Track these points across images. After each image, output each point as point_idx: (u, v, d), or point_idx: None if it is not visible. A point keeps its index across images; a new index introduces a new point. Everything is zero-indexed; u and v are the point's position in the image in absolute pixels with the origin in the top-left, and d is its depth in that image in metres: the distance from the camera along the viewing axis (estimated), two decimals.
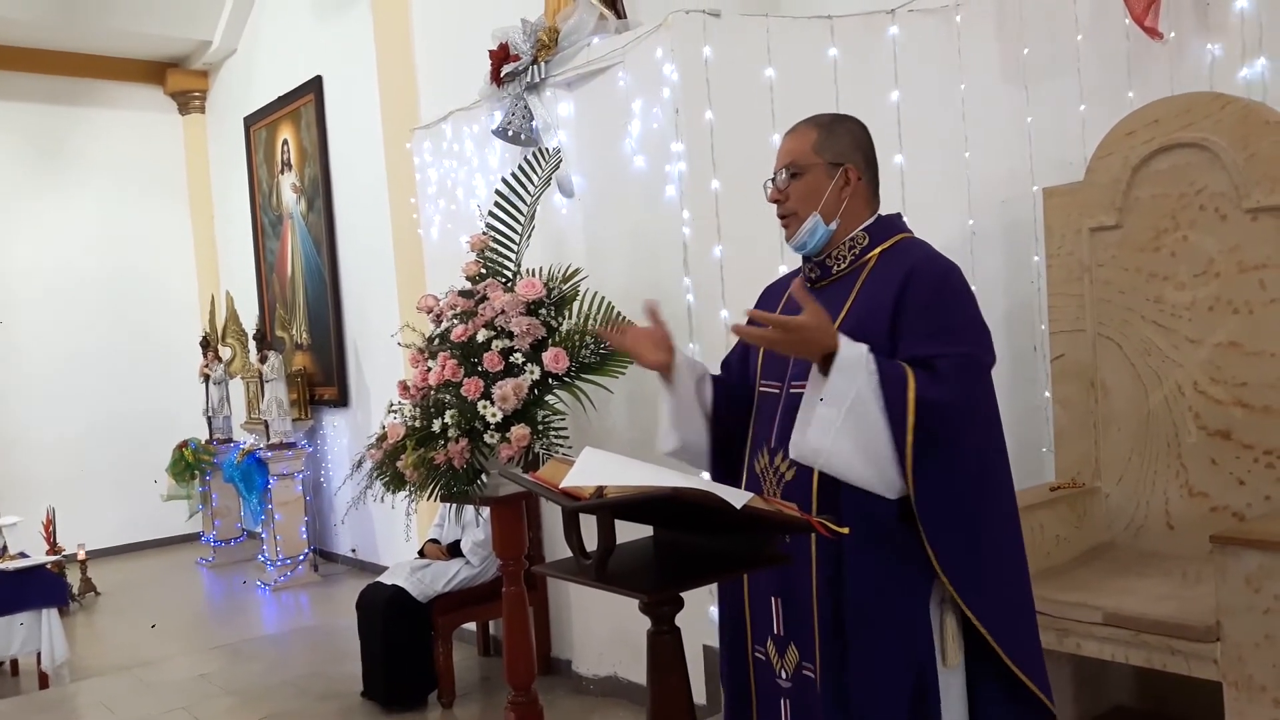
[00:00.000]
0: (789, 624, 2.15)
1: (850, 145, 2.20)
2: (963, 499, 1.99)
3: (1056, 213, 3.48)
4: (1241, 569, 2.47)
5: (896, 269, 2.10)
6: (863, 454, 1.95)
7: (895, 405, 1.93)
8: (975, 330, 2.07)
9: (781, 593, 2.16)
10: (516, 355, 3.46)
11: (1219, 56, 3.25)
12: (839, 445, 1.94)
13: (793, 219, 2.20)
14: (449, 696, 4.49)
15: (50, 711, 4.88)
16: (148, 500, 8.59)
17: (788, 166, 2.20)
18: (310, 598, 6.89)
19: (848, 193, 2.18)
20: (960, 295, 2.09)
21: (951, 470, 1.98)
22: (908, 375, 1.95)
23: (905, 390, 1.93)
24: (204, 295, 9.10)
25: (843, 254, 2.20)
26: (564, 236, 4.36)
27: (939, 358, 1.98)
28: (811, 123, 2.24)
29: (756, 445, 2.24)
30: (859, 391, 1.93)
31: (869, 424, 1.94)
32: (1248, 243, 3.02)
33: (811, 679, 2.11)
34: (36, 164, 8.66)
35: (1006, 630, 2.04)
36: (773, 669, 2.20)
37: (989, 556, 2.04)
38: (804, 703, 2.13)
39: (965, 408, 1.99)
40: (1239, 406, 3.05)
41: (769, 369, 2.25)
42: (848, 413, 1.93)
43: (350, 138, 7.20)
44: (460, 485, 3.46)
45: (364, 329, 7.30)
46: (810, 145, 2.19)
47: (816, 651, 2.08)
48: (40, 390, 8.51)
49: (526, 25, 4.29)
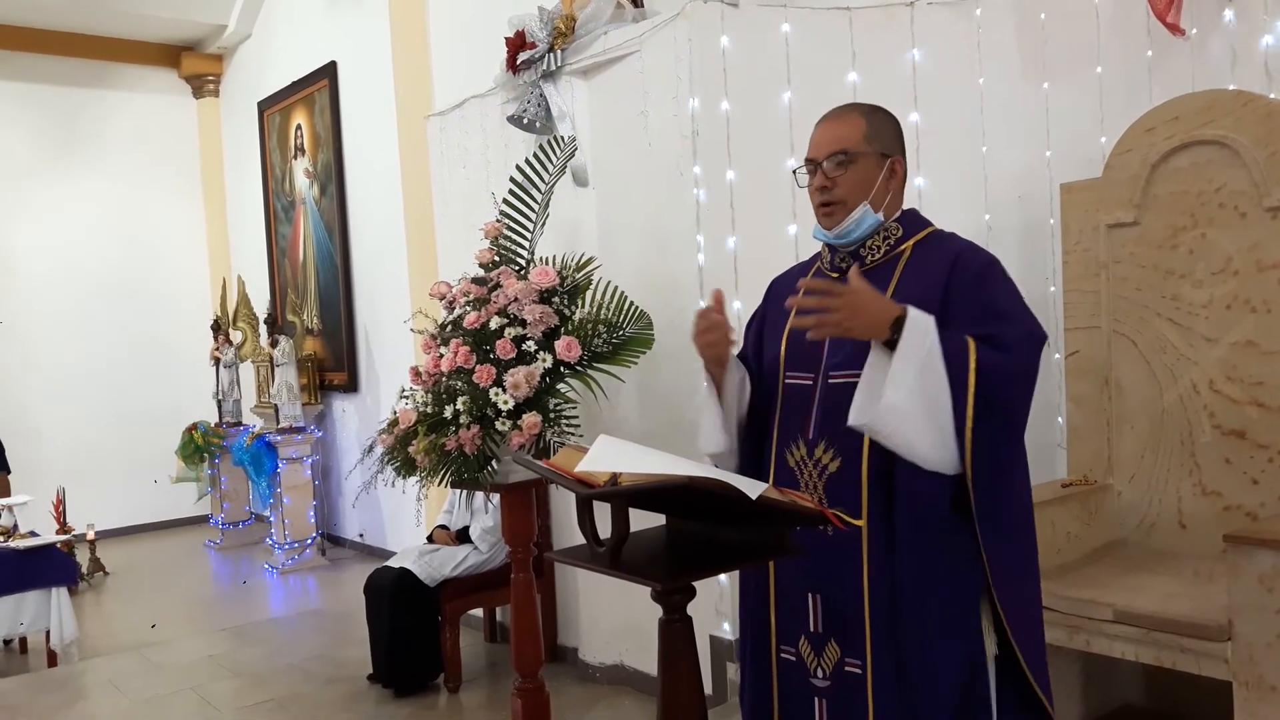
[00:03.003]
0: (829, 620, 2.11)
1: (893, 136, 2.19)
2: (1013, 473, 2.02)
3: (1074, 209, 3.46)
4: (1254, 568, 2.45)
5: (938, 258, 2.09)
6: (930, 419, 1.93)
7: (958, 371, 1.92)
8: (1028, 312, 2.07)
9: (820, 588, 2.12)
10: (529, 343, 3.45)
11: (1241, 54, 3.22)
12: (913, 407, 1.91)
13: (839, 207, 2.14)
14: (455, 682, 4.51)
15: (58, 690, 4.90)
16: (157, 482, 8.62)
17: (837, 153, 2.14)
18: (318, 581, 6.91)
19: (893, 185, 2.17)
20: (1009, 282, 2.10)
21: (1009, 443, 2.00)
22: (969, 342, 1.96)
23: (967, 356, 1.93)
24: (216, 279, 9.13)
25: (877, 244, 2.17)
26: (578, 225, 4.36)
27: (998, 335, 1.98)
28: (857, 110, 2.21)
29: (788, 438, 2.18)
30: (929, 349, 1.92)
31: (937, 388, 1.93)
32: (1267, 241, 3.00)
33: (857, 675, 2.07)
34: (51, 146, 8.68)
35: (1024, 625, 2.04)
36: (805, 669, 2.15)
37: (1020, 544, 2.05)
38: (844, 700, 2.09)
39: (1024, 378, 2.00)
40: (1254, 406, 3.04)
41: (798, 360, 2.20)
42: (921, 371, 1.92)
43: (364, 124, 7.20)
44: (471, 472, 3.47)
45: (374, 315, 7.31)
46: (861, 134, 2.15)
47: (868, 646, 2.05)
48: (51, 371, 8.55)
49: (543, 13, 4.28)
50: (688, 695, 1.97)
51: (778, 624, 2.20)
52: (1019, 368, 1.98)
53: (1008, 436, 1.99)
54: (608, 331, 3.62)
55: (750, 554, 2.02)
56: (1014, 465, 2.04)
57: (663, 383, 3.98)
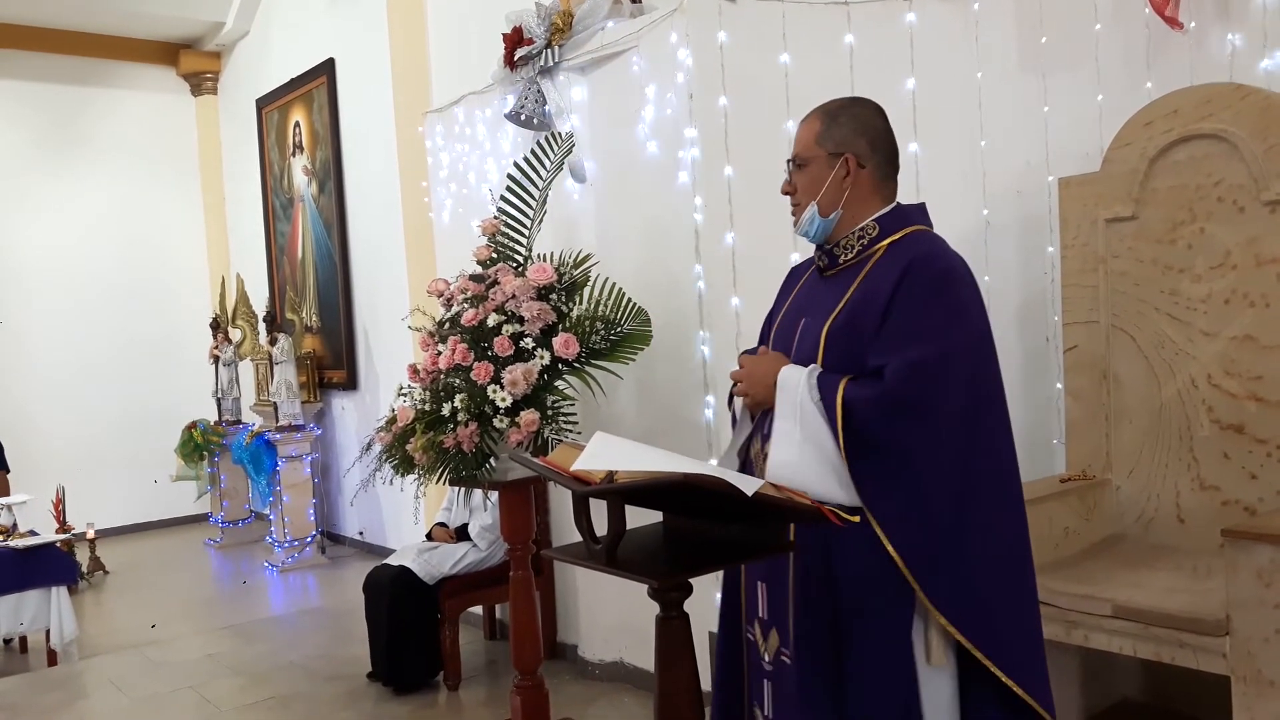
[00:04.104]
0: (772, 609, 2.19)
1: (853, 132, 2.17)
2: (923, 499, 1.97)
3: (1072, 203, 3.45)
4: (1253, 563, 2.45)
5: (897, 264, 2.08)
6: (827, 465, 1.99)
7: (831, 412, 1.98)
8: (953, 331, 2.01)
9: (766, 578, 2.20)
10: (527, 340, 3.45)
11: (1240, 47, 3.21)
12: (803, 459, 1.99)
13: (797, 209, 2.23)
14: (455, 679, 4.51)
15: (58, 689, 4.90)
16: (157, 481, 8.62)
17: (794, 158, 2.23)
18: (317, 579, 6.91)
19: (849, 182, 2.16)
20: (949, 295, 2.04)
21: (901, 472, 1.96)
22: (840, 380, 1.99)
23: (835, 394, 1.97)
24: (214, 277, 9.13)
25: (851, 243, 2.19)
26: (576, 222, 4.35)
27: (887, 365, 1.98)
28: (819, 112, 2.24)
29: (755, 433, 2.25)
30: (802, 403, 2.00)
31: (822, 436, 1.98)
32: (1266, 235, 3.00)
33: (788, 665, 2.12)
34: (49, 144, 8.68)
35: (988, 633, 2.01)
36: (759, 650, 2.24)
37: (962, 557, 1.99)
38: (782, 686, 2.16)
39: (900, 408, 1.96)
40: (1253, 400, 3.03)
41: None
42: (801, 424, 1.99)
43: (362, 121, 7.19)
44: (469, 469, 3.46)
45: (373, 313, 7.30)
46: (813, 136, 2.20)
47: (792, 639, 2.10)
48: (49, 370, 8.55)
49: (541, 9, 4.27)
50: (685, 692, 1.97)
51: (746, 604, 2.29)
52: (891, 399, 1.95)
53: (903, 465, 1.97)
54: (606, 328, 3.62)
55: (746, 551, 2.02)
56: (936, 483, 1.98)
57: (661, 379, 3.98)
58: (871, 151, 2.18)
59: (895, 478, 1.97)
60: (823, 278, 2.24)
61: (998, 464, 2.07)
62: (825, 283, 2.22)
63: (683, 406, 3.88)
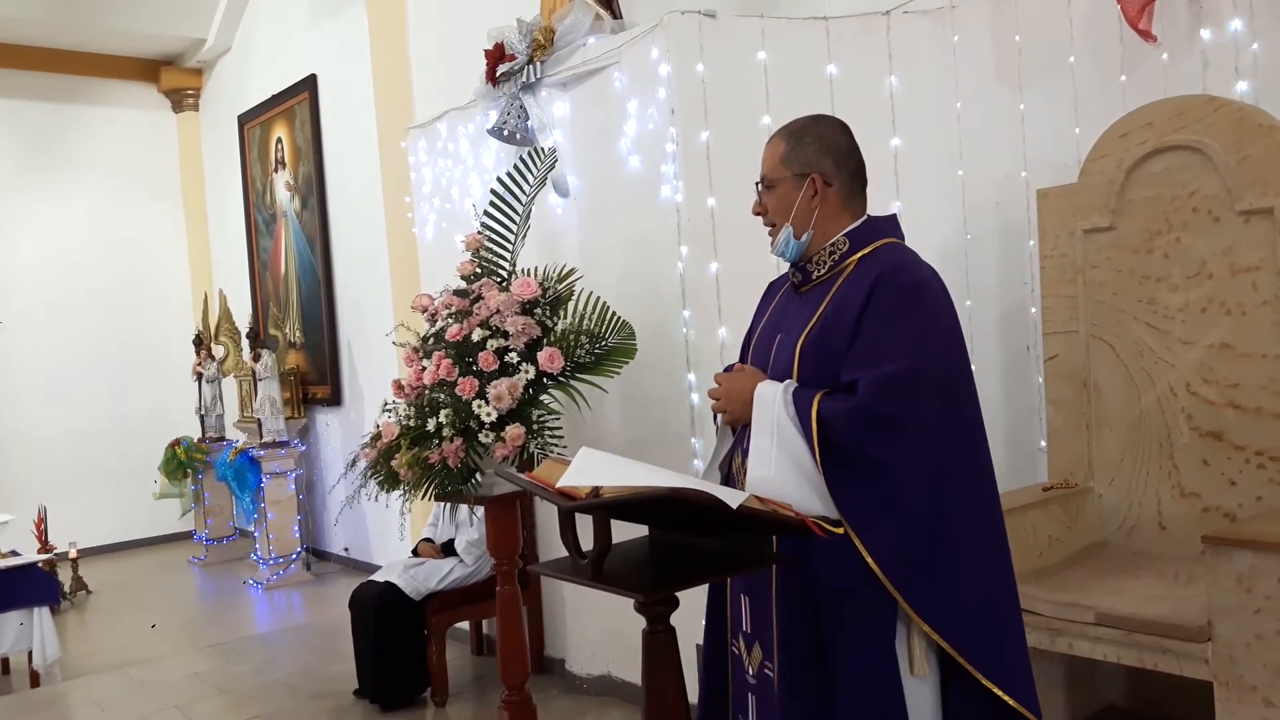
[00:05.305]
0: (755, 622, 2.20)
1: (817, 153, 2.20)
2: (901, 510, 1.99)
3: (1050, 214, 3.49)
4: (1233, 569, 2.48)
5: (867, 278, 2.10)
6: (804, 479, 2.01)
7: (806, 426, 2.00)
8: (924, 344, 2.04)
9: (749, 592, 2.22)
10: (511, 355, 3.46)
11: (1212, 59, 3.26)
12: (779, 474, 2.01)
13: (772, 230, 2.27)
14: (442, 695, 4.49)
15: (42, 710, 4.86)
16: (140, 499, 8.57)
17: (762, 180, 2.27)
18: (303, 597, 6.88)
19: (817, 202, 2.20)
20: (917, 308, 2.06)
21: (877, 483, 1.98)
22: (814, 395, 2.01)
23: (810, 408, 2.00)
24: (197, 293, 9.09)
25: (823, 259, 2.22)
26: (559, 236, 4.36)
27: (859, 379, 2.01)
28: (783, 133, 2.27)
29: (735, 447, 2.27)
30: (778, 418, 2.02)
31: (798, 449, 2.01)
32: (1240, 245, 3.04)
33: (771, 677, 2.14)
34: (29, 161, 8.64)
35: (972, 640, 2.03)
36: (743, 664, 2.25)
37: (942, 566, 2.01)
38: (767, 700, 2.17)
39: (873, 421, 1.98)
40: (1231, 408, 3.07)
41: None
42: (777, 440, 2.01)
43: (344, 136, 7.19)
44: (455, 484, 3.46)
45: (357, 328, 7.29)
46: (779, 157, 2.23)
47: (775, 652, 2.11)
48: (31, 388, 8.49)
49: (522, 25, 4.29)
50: (672, 705, 1.98)
51: (731, 618, 2.31)
52: (865, 413, 1.98)
53: (878, 477, 1.99)
54: (590, 342, 3.63)
55: (732, 564, 2.03)
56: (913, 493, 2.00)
57: (646, 392, 3.99)
58: (837, 169, 2.20)
59: (872, 490, 1.99)
60: (798, 293, 2.28)
61: (974, 472, 2.10)
62: (800, 298, 2.25)
63: (668, 418, 3.89)
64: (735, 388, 2.17)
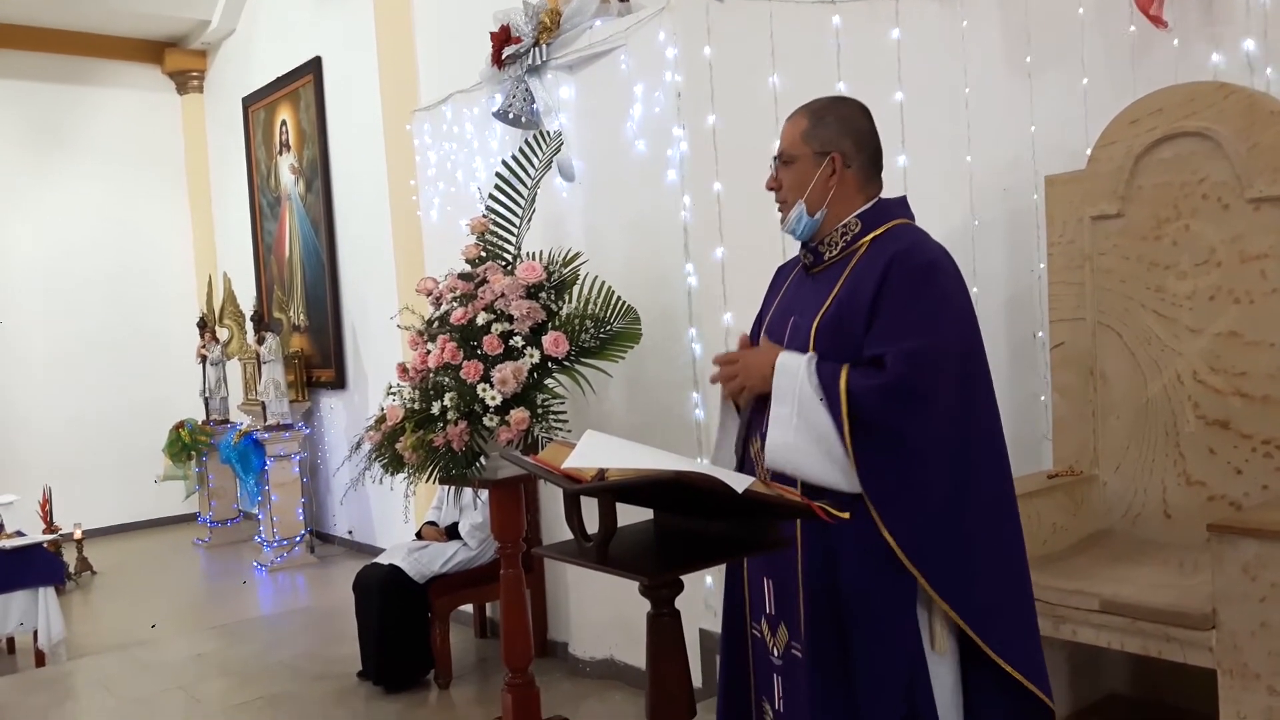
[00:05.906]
0: (780, 604, 2.20)
1: (838, 132, 2.20)
2: (923, 487, 2.00)
3: (1059, 201, 3.47)
4: (1238, 557, 2.47)
5: (881, 258, 2.10)
6: (823, 451, 2.01)
7: (834, 400, 2.00)
8: (943, 322, 2.05)
9: (772, 574, 2.21)
10: (516, 338, 3.45)
11: (1223, 45, 3.24)
12: (800, 442, 2.02)
13: (784, 206, 2.25)
14: (446, 678, 4.51)
15: (47, 690, 4.88)
16: (144, 481, 8.59)
17: (780, 155, 2.25)
18: (307, 579, 6.90)
19: (835, 181, 2.19)
20: (934, 287, 2.07)
21: (902, 459, 2.00)
22: (840, 369, 2.01)
23: (838, 382, 2.00)
24: (201, 276, 9.08)
25: (835, 240, 2.21)
26: (564, 220, 4.35)
27: (886, 353, 2.01)
28: (805, 110, 2.26)
29: (753, 429, 2.26)
30: (801, 390, 2.02)
31: (820, 421, 2.01)
32: (1249, 233, 3.02)
33: (799, 658, 2.14)
34: (33, 143, 8.63)
35: (988, 620, 2.05)
36: (767, 646, 2.24)
37: (961, 545, 2.03)
38: (794, 681, 2.17)
39: (903, 395, 1.99)
40: (1238, 396, 3.06)
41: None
42: (799, 409, 2.01)
43: (349, 119, 7.17)
44: (459, 468, 3.46)
45: (362, 311, 7.29)
46: (800, 134, 2.22)
47: (803, 633, 2.11)
48: (36, 370, 8.50)
49: (528, 7, 4.27)
50: (676, 689, 1.97)
51: (750, 602, 2.30)
52: (894, 387, 1.99)
53: (904, 453, 2.00)
54: (595, 326, 3.62)
55: (737, 547, 2.03)
56: (936, 472, 2.01)
57: (650, 376, 3.99)
58: (857, 151, 2.20)
59: (899, 463, 2.00)
60: (809, 275, 2.27)
61: (991, 453, 2.11)
62: (812, 280, 2.25)
63: (673, 403, 3.89)
64: (754, 360, 2.16)
